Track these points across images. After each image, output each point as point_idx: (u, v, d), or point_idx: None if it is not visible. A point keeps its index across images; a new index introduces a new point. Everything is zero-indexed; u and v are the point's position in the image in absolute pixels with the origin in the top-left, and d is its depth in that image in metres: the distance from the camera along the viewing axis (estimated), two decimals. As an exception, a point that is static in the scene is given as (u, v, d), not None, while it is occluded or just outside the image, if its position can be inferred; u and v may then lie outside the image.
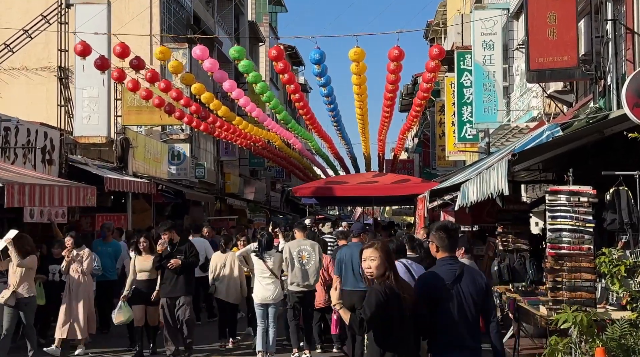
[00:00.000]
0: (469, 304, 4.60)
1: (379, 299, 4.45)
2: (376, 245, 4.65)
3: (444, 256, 4.74)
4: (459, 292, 4.61)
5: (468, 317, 4.59)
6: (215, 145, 29.62)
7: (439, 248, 4.75)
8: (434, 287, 4.63)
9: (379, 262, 4.56)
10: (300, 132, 18.37)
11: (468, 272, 4.72)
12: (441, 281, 4.62)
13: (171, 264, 9.09)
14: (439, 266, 4.75)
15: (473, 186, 8.56)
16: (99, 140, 15.49)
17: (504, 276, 9.31)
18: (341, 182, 14.83)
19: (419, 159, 41.87)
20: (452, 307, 4.58)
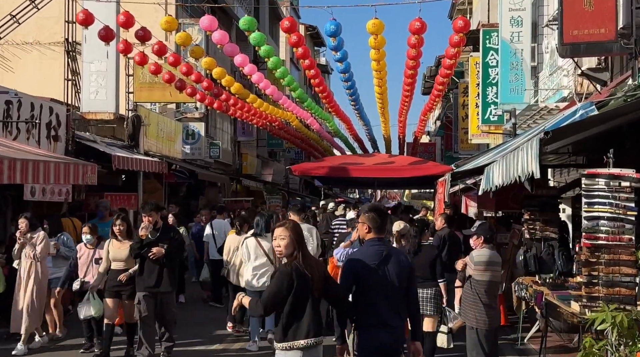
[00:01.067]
0: (393, 285, 4.78)
1: (282, 281, 4.52)
2: (287, 225, 4.68)
3: (373, 237, 4.87)
4: (384, 273, 4.76)
5: (392, 297, 4.76)
6: (233, 125, 29.02)
7: (370, 229, 4.87)
8: (360, 268, 4.76)
9: (288, 241, 4.60)
10: (317, 112, 17.67)
11: (394, 254, 4.89)
12: (368, 261, 4.77)
13: (153, 253, 7.72)
14: (367, 246, 4.89)
15: (498, 168, 7.82)
16: (107, 117, 14.94)
17: (530, 267, 8.61)
18: (351, 163, 13.81)
19: (441, 142, 40.96)
20: (376, 287, 4.73)
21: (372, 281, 4.74)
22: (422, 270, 7.46)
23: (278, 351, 4.57)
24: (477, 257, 6.73)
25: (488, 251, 6.75)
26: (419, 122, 22.10)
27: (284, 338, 4.54)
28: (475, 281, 6.69)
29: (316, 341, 4.56)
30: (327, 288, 4.68)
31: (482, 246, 6.74)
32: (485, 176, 8.63)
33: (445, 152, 35.92)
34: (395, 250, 5.16)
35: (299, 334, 4.51)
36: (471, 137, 23.92)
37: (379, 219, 4.88)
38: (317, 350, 4.60)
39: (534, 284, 7.91)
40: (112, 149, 15.34)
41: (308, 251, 4.75)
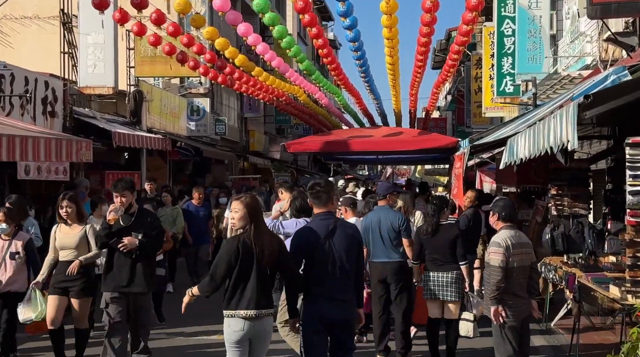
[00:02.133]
0: (341, 258, 4.90)
1: (228, 252, 4.70)
2: (243, 198, 4.85)
3: (319, 211, 5.08)
4: (331, 246, 4.90)
5: (339, 270, 4.89)
6: (239, 101, 28.34)
7: (315, 204, 5.10)
8: (307, 241, 4.93)
9: (241, 214, 4.76)
10: (325, 85, 16.97)
11: (341, 227, 5.04)
12: (315, 235, 4.93)
13: (124, 244, 6.19)
14: (315, 220, 5.10)
15: (524, 139, 7.14)
16: (105, 91, 14.31)
17: (558, 246, 7.96)
18: (353, 136, 12.80)
19: (452, 117, 40.15)
20: (323, 260, 4.87)
21: (319, 254, 4.89)
22: (441, 252, 6.91)
23: (224, 317, 4.80)
24: (492, 240, 5.79)
25: (506, 232, 5.76)
26: (431, 95, 21.36)
27: (227, 306, 4.76)
28: (489, 266, 5.72)
29: (258, 313, 4.71)
30: (280, 263, 4.81)
31: (498, 225, 5.87)
32: (508, 148, 7.95)
33: (456, 127, 35.12)
34: (344, 223, 5.31)
35: (241, 305, 4.69)
36: (485, 111, 23.23)
37: (323, 193, 5.07)
38: (261, 322, 4.74)
39: (564, 265, 7.28)
40: (113, 125, 14.74)
41: (264, 226, 4.89)
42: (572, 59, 13.61)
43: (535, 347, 7.60)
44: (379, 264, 7.16)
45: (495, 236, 5.77)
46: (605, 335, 7.76)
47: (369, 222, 7.28)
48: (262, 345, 4.85)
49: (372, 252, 7.19)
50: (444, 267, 6.86)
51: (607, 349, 7.45)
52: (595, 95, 5.20)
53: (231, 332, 4.75)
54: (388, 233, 7.11)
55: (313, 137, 15.39)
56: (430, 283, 6.91)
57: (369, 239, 7.17)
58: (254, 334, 4.76)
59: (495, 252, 5.60)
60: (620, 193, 8.34)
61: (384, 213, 7.27)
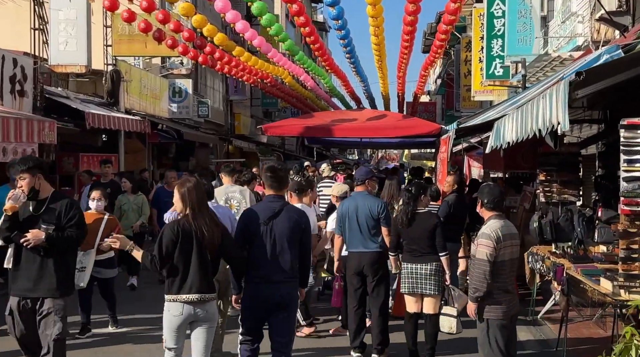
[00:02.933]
0: (282, 241, 5.00)
1: (166, 236, 4.73)
2: (180, 182, 4.93)
3: (270, 193, 5.19)
4: (272, 229, 5.00)
5: (278, 252, 5.00)
6: (224, 83, 27.76)
7: (267, 187, 5.22)
8: (250, 223, 5.06)
9: (177, 197, 4.84)
10: (310, 66, 16.45)
11: (287, 210, 5.14)
12: (258, 217, 5.04)
13: (26, 238, 5.21)
14: (263, 203, 5.26)
15: (512, 122, 6.70)
16: (78, 70, 13.72)
17: (546, 234, 7.53)
18: (336, 120, 12.18)
19: (442, 101, 39.71)
20: (264, 242, 4.99)
21: (260, 236, 5.00)
22: (418, 242, 6.42)
23: (165, 302, 4.83)
24: (482, 231, 5.28)
25: (495, 222, 5.23)
26: (419, 78, 20.85)
27: (168, 291, 4.79)
28: (477, 260, 5.23)
29: (201, 297, 4.75)
30: (223, 247, 4.86)
31: (485, 215, 5.37)
32: (494, 132, 7.51)
33: (446, 111, 34.69)
34: (290, 207, 5.37)
35: (183, 289, 4.72)
36: (474, 94, 22.81)
37: (275, 177, 5.17)
38: (203, 306, 4.78)
39: (552, 255, 6.86)
40: (87, 106, 14.19)
41: (204, 209, 4.87)
42: (563, 40, 13.17)
43: (521, 341, 7.20)
44: (355, 254, 6.69)
45: (485, 226, 5.30)
46: (594, 329, 7.37)
47: (345, 209, 6.76)
48: (206, 329, 4.84)
49: (348, 241, 6.73)
50: (422, 258, 6.39)
51: (596, 343, 7.09)
52: (588, 73, 4.74)
53: (170, 317, 4.77)
54: (366, 221, 6.61)
55: (293, 120, 14.83)
56: (408, 276, 6.45)
57: (345, 227, 6.71)
58: (196, 319, 4.79)
59: (485, 244, 5.13)
60: (611, 179, 7.92)
61: (361, 199, 6.75)
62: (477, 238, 5.27)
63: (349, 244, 6.72)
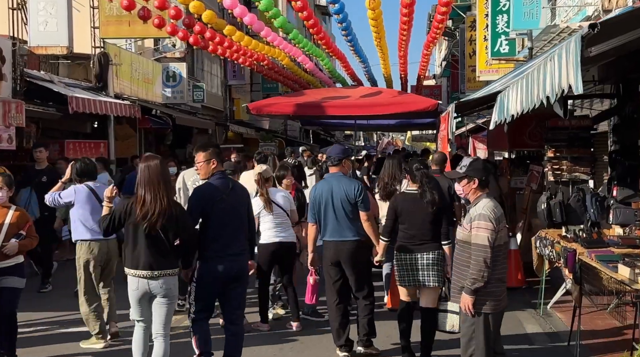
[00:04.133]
0: (237, 215, 5.22)
1: (118, 209, 4.92)
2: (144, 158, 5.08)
3: (217, 170, 5.29)
4: (228, 204, 5.16)
5: (236, 226, 5.20)
6: (222, 68, 27.05)
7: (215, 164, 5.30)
8: (206, 199, 5.16)
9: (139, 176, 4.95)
10: (306, 46, 15.72)
11: (236, 186, 5.41)
12: (217, 192, 5.17)
13: None
14: (214, 179, 5.27)
15: (516, 92, 6.01)
16: (59, 52, 13.02)
17: (555, 217, 6.86)
18: (328, 97, 11.25)
19: (447, 83, 38.90)
20: (221, 217, 5.13)
21: (217, 212, 5.12)
22: (421, 227, 5.72)
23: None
24: (479, 213, 4.60)
25: (490, 202, 4.63)
26: (422, 57, 20.10)
27: (125, 264, 4.99)
28: (476, 246, 4.52)
29: (152, 273, 4.86)
30: (177, 227, 4.92)
31: (476, 194, 4.71)
32: (498, 105, 6.82)
33: (451, 93, 33.89)
34: (237, 183, 5.59)
35: (134, 264, 4.89)
36: (479, 74, 21.99)
37: (218, 155, 5.34)
38: (158, 281, 4.87)
39: (562, 239, 6.19)
40: (72, 90, 13.52)
41: (162, 189, 4.87)
42: (572, 11, 12.41)
43: (528, 334, 6.57)
44: (331, 244, 5.96)
45: (479, 206, 4.62)
46: (610, 319, 6.70)
47: (318, 193, 6.01)
48: (164, 304, 4.94)
49: (322, 229, 6.00)
50: (422, 247, 5.69)
51: (613, 335, 6.43)
52: (603, 25, 4.04)
53: (130, 290, 4.97)
54: (342, 206, 5.89)
55: (281, 98, 14.02)
56: (406, 267, 5.74)
57: (320, 214, 5.97)
58: (153, 293, 4.90)
59: (484, 227, 4.48)
60: (627, 155, 7.22)
61: (336, 181, 5.99)
62: (476, 220, 4.55)
63: (324, 232, 6.00)
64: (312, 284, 6.73)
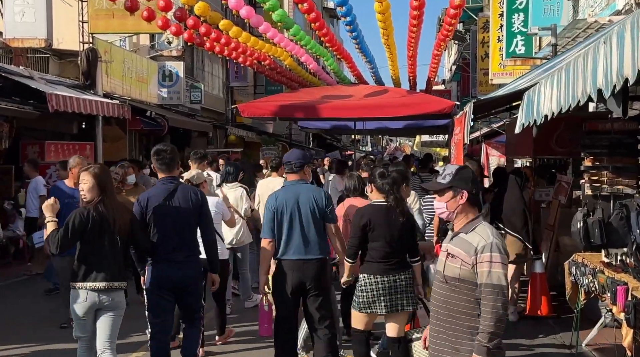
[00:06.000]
0: (180, 219, 5.02)
1: (74, 220, 4.63)
2: (91, 169, 4.80)
3: (162, 176, 5.12)
4: (169, 209, 5.00)
5: (178, 232, 5.01)
6: (224, 68, 26.07)
7: (160, 170, 5.12)
8: (146, 205, 5.01)
9: (90, 185, 4.74)
10: (307, 42, 14.67)
11: (182, 189, 5.13)
12: (156, 199, 5.03)
13: None
14: (159, 185, 5.16)
15: (550, 88, 4.92)
16: (36, 45, 12.03)
17: (594, 238, 5.76)
18: (328, 96, 9.96)
19: (457, 88, 37.88)
20: (161, 222, 4.99)
21: (157, 217, 4.96)
22: (397, 245, 5.05)
23: (71, 290, 4.77)
24: (490, 242, 3.28)
25: (490, 226, 3.39)
26: (432, 58, 19.00)
27: (74, 278, 4.71)
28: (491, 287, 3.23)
29: (108, 285, 4.68)
30: (133, 233, 4.83)
31: (466, 213, 3.40)
32: (525, 105, 5.75)
33: (461, 98, 32.87)
34: (184, 186, 5.25)
35: (90, 277, 4.66)
36: (492, 77, 20.99)
37: (161, 160, 5.05)
38: (110, 294, 4.70)
39: (606, 267, 5.09)
40: (54, 87, 12.52)
41: (114, 197, 4.83)
42: (599, 6, 11.31)
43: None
44: (292, 263, 5.07)
45: (488, 233, 3.31)
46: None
47: (280, 203, 5.13)
48: (112, 318, 4.76)
49: (282, 245, 5.12)
50: (398, 266, 5.02)
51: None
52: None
53: (76, 305, 4.72)
54: (311, 218, 5.10)
55: (276, 97, 12.91)
56: (378, 290, 4.97)
57: (281, 227, 5.09)
58: (100, 306, 4.72)
59: (501, 261, 3.25)
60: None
61: (302, 190, 5.19)
62: (479, 252, 3.27)
63: (284, 249, 5.12)
64: (265, 312, 5.71)
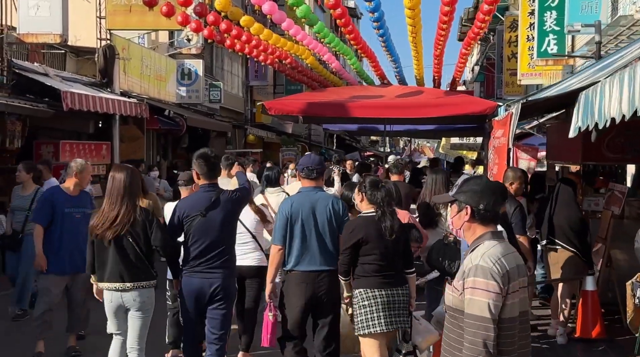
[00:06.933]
0: (219, 229, 4.84)
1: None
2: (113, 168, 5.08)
3: (204, 183, 4.97)
4: (210, 218, 4.83)
5: (216, 241, 4.83)
6: (244, 67, 25.60)
7: (199, 175, 4.98)
8: (186, 212, 4.87)
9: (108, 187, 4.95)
10: (331, 40, 14.13)
11: (223, 199, 4.92)
12: (197, 206, 4.88)
13: None
14: (200, 192, 4.99)
15: (618, 86, 4.32)
16: (51, 40, 11.57)
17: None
18: (358, 96, 9.36)
19: (480, 89, 37.15)
20: (200, 231, 4.81)
21: (197, 226, 4.82)
22: (393, 257, 4.76)
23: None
24: (475, 264, 2.88)
25: (496, 246, 2.90)
26: (459, 56, 18.43)
27: (96, 278, 4.87)
28: (471, 318, 2.82)
29: (121, 286, 4.75)
30: (146, 235, 4.77)
31: (473, 231, 2.99)
32: (582, 106, 5.17)
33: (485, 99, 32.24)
34: (225, 194, 4.99)
35: (105, 277, 4.80)
36: (520, 78, 20.34)
37: (206, 165, 4.91)
38: (131, 294, 4.75)
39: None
40: (70, 84, 12.09)
41: (131, 199, 4.79)
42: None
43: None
44: (306, 276, 4.92)
45: (479, 254, 2.90)
46: None
47: (295, 210, 4.94)
48: (138, 317, 4.83)
49: (295, 255, 4.95)
50: (396, 280, 4.73)
51: None
52: None
53: (105, 302, 4.88)
54: (327, 228, 4.93)
55: (303, 96, 12.45)
56: (384, 307, 4.67)
57: (293, 235, 4.93)
58: (128, 306, 4.80)
59: (483, 287, 2.80)
60: None
61: (321, 198, 5.01)
62: (465, 276, 2.86)
63: (296, 259, 4.96)
64: (271, 321, 5.25)
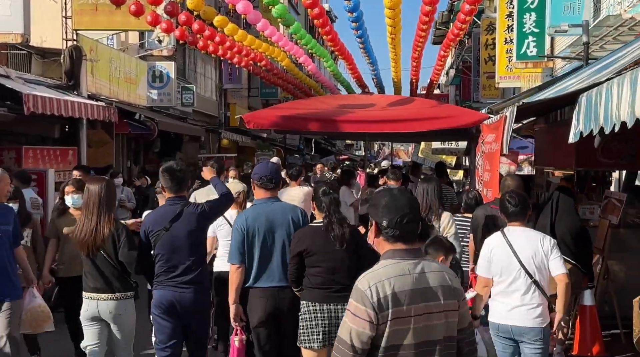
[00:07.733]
0: (183, 241, 4.74)
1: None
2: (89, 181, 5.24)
3: (169, 196, 4.88)
4: (174, 231, 4.74)
5: (182, 255, 4.74)
6: (217, 70, 25.03)
7: (165, 189, 4.91)
8: (150, 226, 4.81)
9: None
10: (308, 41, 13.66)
11: (187, 212, 4.82)
12: (161, 219, 4.80)
13: None
14: (165, 205, 4.92)
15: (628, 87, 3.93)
16: (12, 40, 10.97)
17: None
18: (345, 107, 8.81)
19: (455, 92, 36.99)
20: (166, 245, 4.73)
21: (162, 241, 4.75)
22: (340, 271, 4.49)
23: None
24: (355, 285, 2.67)
25: (388, 266, 2.62)
26: (437, 59, 18.09)
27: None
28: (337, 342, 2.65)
29: (95, 296, 4.82)
30: (121, 248, 4.81)
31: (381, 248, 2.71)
32: (584, 109, 4.78)
33: (461, 102, 31.96)
34: (189, 207, 4.88)
35: (85, 287, 4.88)
36: (499, 81, 20.11)
37: (171, 179, 4.84)
38: (106, 305, 4.80)
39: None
40: (33, 87, 11.44)
41: (104, 211, 4.85)
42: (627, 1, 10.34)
43: None
44: (268, 292, 4.69)
45: (365, 274, 2.63)
46: None
47: (251, 224, 4.71)
48: (116, 330, 4.86)
49: (254, 271, 4.71)
50: (343, 294, 4.19)
51: None
52: None
53: (82, 311, 4.93)
54: (286, 241, 4.71)
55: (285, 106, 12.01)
56: (314, 320, 4.45)
57: (252, 251, 4.70)
58: (104, 317, 4.84)
59: (352, 311, 2.57)
60: None
61: (277, 209, 4.81)
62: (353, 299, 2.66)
63: (256, 276, 4.72)
64: (237, 346, 4.93)
